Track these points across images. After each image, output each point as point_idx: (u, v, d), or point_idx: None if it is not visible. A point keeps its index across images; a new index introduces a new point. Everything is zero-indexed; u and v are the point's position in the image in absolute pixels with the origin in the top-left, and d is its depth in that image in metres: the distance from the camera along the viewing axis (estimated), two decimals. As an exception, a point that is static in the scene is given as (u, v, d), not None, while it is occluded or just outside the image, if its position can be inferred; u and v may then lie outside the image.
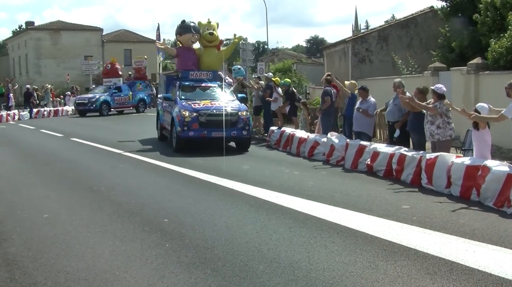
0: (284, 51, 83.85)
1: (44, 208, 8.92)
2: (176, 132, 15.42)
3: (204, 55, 18.91)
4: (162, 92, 19.26)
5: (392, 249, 6.36)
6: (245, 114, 15.76)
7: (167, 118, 17.12)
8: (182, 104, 15.87)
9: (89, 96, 36.15)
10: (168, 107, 17.15)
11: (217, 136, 15.19)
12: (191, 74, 17.85)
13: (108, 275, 5.73)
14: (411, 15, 26.54)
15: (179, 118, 15.31)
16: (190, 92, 17.02)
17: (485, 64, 15.67)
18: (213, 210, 8.55)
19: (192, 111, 15.38)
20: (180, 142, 15.53)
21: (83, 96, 37.52)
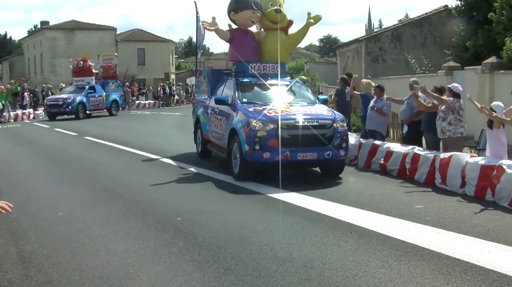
0: (297, 50, 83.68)
1: (59, 207, 8.99)
2: (243, 153, 10.46)
3: (266, 41, 13.63)
4: (200, 93, 14.83)
5: (405, 249, 6.34)
6: (341, 125, 10.93)
7: (217, 129, 12.56)
8: (247, 111, 10.95)
9: (63, 97, 32.14)
10: (219, 113, 12.37)
11: (306, 159, 10.47)
12: (251, 67, 12.93)
13: (121, 273, 5.76)
14: (425, 14, 26.44)
15: (247, 132, 10.43)
16: (252, 93, 12.23)
17: (500, 63, 15.56)
18: (226, 209, 8.57)
19: (267, 122, 10.44)
20: (247, 168, 10.64)
21: (56, 97, 33.37)
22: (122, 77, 49.48)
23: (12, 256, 6.47)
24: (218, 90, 13.15)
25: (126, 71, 52.02)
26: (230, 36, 13.73)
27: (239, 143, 10.60)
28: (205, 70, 15.46)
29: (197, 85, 15.60)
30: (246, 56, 13.21)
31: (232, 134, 11.14)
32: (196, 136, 14.67)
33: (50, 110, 31.75)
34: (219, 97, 12.23)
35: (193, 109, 15.48)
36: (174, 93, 47.89)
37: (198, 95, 15.29)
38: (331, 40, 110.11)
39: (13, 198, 9.81)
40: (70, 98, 31.53)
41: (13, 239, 7.23)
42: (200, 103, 14.37)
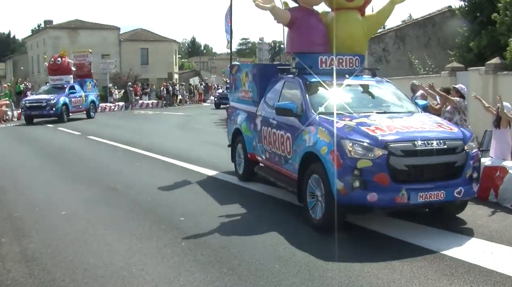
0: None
1: (62, 206, 9.00)
2: (333, 192, 6.92)
3: (337, 24, 9.72)
4: (239, 95, 11.40)
5: (408, 250, 6.34)
6: (472, 147, 7.42)
7: (275, 148, 9.01)
8: (341, 130, 7.22)
9: (45, 98, 28.27)
10: (279, 126, 8.89)
11: (429, 201, 6.94)
12: (322, 61, 9.25)
13: (125, 272, 5.78)
14: (428, 15, 26.39)
15: (340, 161, 6.89)
16: (328, 99, 8.48)
17: (503, 64, 15.54)
18: (230, 209, 8.58)
19: (372, 145, 6.88)
20: (339, 213, 7.00)
21: (37, 98, 29.01)
22: (126, 77, 49.62)
23: (16, 255, 6.49)
24: (270, 93, 9.81)
25: (130, 71, 52.08)
26: (290, 17, 9.80)
27: (324, 176, 7.04)
28: (246, 65, 12.34)
29: (233, 84, 11.95)
30: (313, 45, 9.61)
31: (308, 160, 7.61)
32: (234, 152, 11.32)
33: (30, 112, 27.82)
34: (284, 105, 8.40)
35: (228, 117, 12.31)
36: (177, 93, 47.93)
37: (234, 98, 11.75)
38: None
39: (16, 197, 9.90)
40: (54, 99, 28.11)
41: (17, 237, 7.25)
42: (241, 110, 11.06)
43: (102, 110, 38.86)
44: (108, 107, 40.21)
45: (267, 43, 29.55)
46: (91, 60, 34.57)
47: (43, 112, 27.78)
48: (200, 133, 22.17)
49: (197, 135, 21.06)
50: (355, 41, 9.73)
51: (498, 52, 16.79)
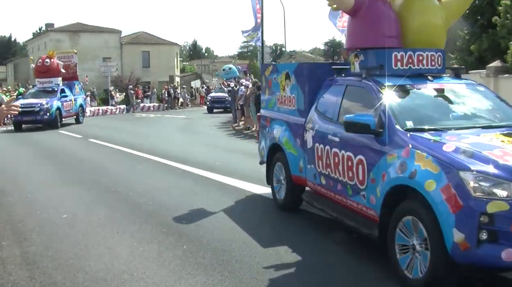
0: (301, 54, 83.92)
1: (63, 208, 9.00)
2: (447, 246, 4.90)
3: (410, 11, 7.50)
4: (276, 102, 9.13)
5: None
6: None
7: (339, 173, 6.91)
8: (445, 152, 5.29)
9: (38, 102, 25.95)
10: (343, 145, 6.85)
11: None
12: (396, 57, 7.17)
13: (126, 275, 5.77)
14: (429, 18, 26.36)
15: (461, 202, 4.83)
16: (414, 108, 6.60)
17: (504, 67, 15.56)
18: (231, 212, 8.57)
19: (507, 179, 4.83)
20: (452, 274, 5.07)
21: (28, 102, 25.93)
22: (127, 80, 49.66)
23: (17, 258, 6.49)
24: (323, 100, 7.71)
25: (131, 74, 52.13)
26: (354, 2, 7.31)
27: (431, 222, 5.06)
28: (287, 65, 10.07)
29: (267, 88, 9.55)
30: (382, 38, 7.22)
31: (397, 195, 5.61)
32: (270, 172, 9.13)
33: (22, 118, 24.92)
34: (357, 118, 6.20)
35: (260, 128, 10.00)
36: (178, 96, 47.95)
37: (269, 105, 9.46)
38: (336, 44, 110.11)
39: (17, 200, 9.91)
40: (48, 103, 26.03)
41: (18, 240, 7.25)
42: (280, 121, 8.81)
43: (103, 113, 38.98)
44: (110, 110, 40.27)
45: (268, 46, 29.55)
46: (76, 61, 31.92)
47: (36, 117, 25.50)
48: (201, 135, 22.20)
49: (198, 138, 21.09)
50: (433, 33, 7.44)
51: (499, 55, 16.81)
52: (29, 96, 27.99)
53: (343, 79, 7.59)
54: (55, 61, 28.65)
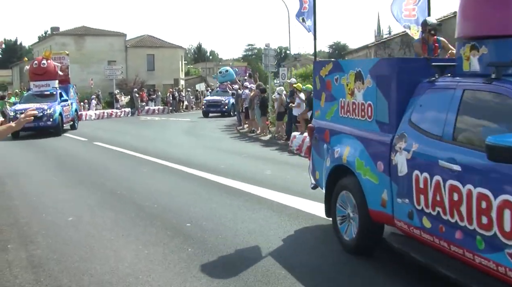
0: (306, 57, 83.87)
1: (68, 211, 9.02)
2: None
3: None
4: (339, 111, 7.05)
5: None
6: None
7: (448, 214, 4.95)
8: None
9: (39, 107, 22.96)
10: (458, 174, 4.82)
11: None
12: None
13: (131, 278, 5.78)
14: (434, 21, 26.37)
15: None
16: None
17: (510, 69, 15.51)
18: (236, 215, 8.57)
19: None
20: None
21: (29, 107, 21.65)
22: (132, 83, 49.76)
23: (22, 261, 6.50)
24: (420, 111, 5.71)
25: (136, 77, 52.24)
26: None
27: None
28: (358, 61, 7.36)
29: (324, 92, 7.48)
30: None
31: None
32: (333, 202, 6.94)
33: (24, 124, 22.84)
34: None
35: (314, 143, 7.72)
36: (183, 99, 48.01)
37: (326, 114, 7.39)
38: (340, 47, 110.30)
39: (23, 203, 9.93)
40: (50, 107, 23.87)
41: (23, 243, 7.26)
42: (348, 136, 6.73)
43: (108, 116, 39.07)
44: (114, 113, 40.35)
45: (273, 49, 29.52)
46: (68, 63, 29.81)
47: (39, 123, 22.90)
48: (206, 138, 22.21)
49: (203, 141, 21.11)
50: None
51: (505, 58, 16.76)
52: (24, 101, 26.05)
53: (453, 80, 5.46)
54: (52, 63, 26.70)
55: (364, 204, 6.14)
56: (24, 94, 30.73)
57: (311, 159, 7.89)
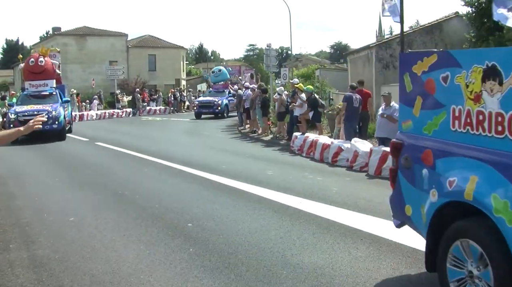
0: (307, 57, 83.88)
1: (70, 211, 9.04)
2: None
3: None
4: (432, 123, 5.10)
5: (416, 256, 6.32)
6: None
7: None
8: None
9: (44, 109, 21.76)
10: None
11: None
12: None
13: (132, 278, 5.79)
14: (435, 21, 26.35)
15: None
16: None
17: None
18: (237, 215, 8.58)
19: None
20: None
21: (31, 109, 22.33)
22: (133, 83, 49.79)
23: (24, 261, 6.52)
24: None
25: (137, 77, 52.28)
26: None
27: None
28: (486, 51, 5.83)
29: (421, 96, 5.34)
30: None
31: None
32: (440, 253, 4.86)
33: None
34: None
35: (403, 169, 5.62)
36: (184, 99, 48.01)
37: (426, 127, 5.24)
38: (342, 47, 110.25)
39: (25, 203, 9.94)
40: (54, 110, 22.36)
41: (25, 243, 7.28)
42: (476, 161, 4.50)
43: (110, 116, 39.11)
44: (116, 113, 40.40)
45: (274, 49, 29.54)
46: (59, 61, 27.30)
47: (44, 127, 19.52)
48: (207, 139, 22.23)
49: (204, 141, 21.13)
50: None
51: (506, 58, 16.75)
52: (21, 102, 24.04)
53: None
54: (50, 61, 24.49)
55: (509, 263, 4.07)
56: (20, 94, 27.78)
57: (396, 186, 5.79)
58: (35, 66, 24.08)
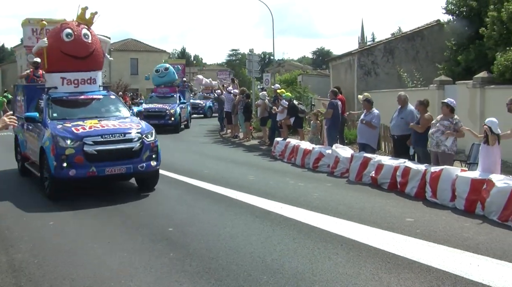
0: (290, 62, 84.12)
1: (50, 216, 8.99)
2: None
3: None
4: None
5: (395, 262, 6.38)
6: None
7: None
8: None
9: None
10: None
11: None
12: None
13: (113, 283, 5.77)
14: (417, 28, 26.59)
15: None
16: None
17: (490, 78, 15.68)
18: (218, 220, 8.59)
19: None
20: None
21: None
22: (115, 87, 49.52)
23: (3, 265, 6.47)
24: None
25: (119, 81, 52.01)
26: None
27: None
28: None
29: None
30: None
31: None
32: None
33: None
34: None
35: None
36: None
37: None
38: (324, 53, 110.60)
39: (3, 206, 9.84)
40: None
41: (4, 247, 7.22)
42: None
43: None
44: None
45: (257, 55, 29.58)
46: None
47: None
48: (189, 143, 22.17)
49: (186, 146, 21.06)
50: None
51: (486, 66, 16.93)
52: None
53: None
54: (96, 36, 13.20)
55: None
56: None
57: None
58: (76, 43, 12.36)
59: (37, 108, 12.26)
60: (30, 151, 12.24)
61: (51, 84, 12.39)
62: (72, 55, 12.18)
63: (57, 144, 10.08)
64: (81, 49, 12.31)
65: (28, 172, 12.52)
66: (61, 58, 12.14)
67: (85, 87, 12.49)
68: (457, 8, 20.65)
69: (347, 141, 17.20)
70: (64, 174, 9.93)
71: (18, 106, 14.06)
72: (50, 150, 10.09)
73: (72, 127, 10.53)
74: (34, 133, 11.61)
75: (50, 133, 10.40)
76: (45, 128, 10.87)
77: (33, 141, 11.76)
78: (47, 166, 10.23)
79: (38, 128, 11.34)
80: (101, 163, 10.16)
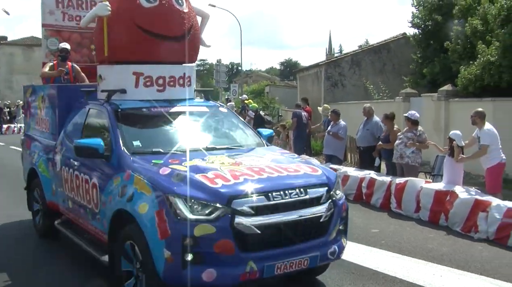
0: (257, 73, 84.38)
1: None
2: None
3: None
4: None
5: (360, 273, 6.37)
6: None
7: None
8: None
9: None
10: None
11: None
12: None
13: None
14: (384, 41, 26.91)
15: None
16: None
17: (454, 91, 15.93)
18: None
19: None
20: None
21: None
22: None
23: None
24: None
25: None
26: None
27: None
28: None
29: None
30: None
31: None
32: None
33: None
34: None
35: None
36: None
37: None
38: (292, 64, 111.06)
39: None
40: None
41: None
42: None
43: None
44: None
45: (224, 65, 29.66)
46: None
47: None
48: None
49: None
50: None
51: (450, 79, 17.20)
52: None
53: None
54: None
55: None
56: None
57: None
58: (163, 12, 6.89)
59: (84, 128, 7.06)
60: (71, 205, 6.96)
61: (114, 85, 6.91)
62: (157, 32, 6.82)
63: (175, 212, 4.79)
64: (172, 23, 6.94)
65: (55, 231, 7.72)
66: (136, 38, 6.77)
67: (176, 91, 7.06)
68: (423, 22, 20.96)
69: (313, 152, 17.26)
70: (188, 278, 4.75)
71: (38, 119, 8.81)
72: (155, 227, 4.82)
73: (196, 172, 5.22)
74: (88, 175, 6.29)
75: (147, 186, 5.14)
76: (120, 171, 5.68)
77: (84, 192, 6.42)
78: (146, 257, 4.97)
79: (100, 167, 6.11)
80: (266, 253, 5.00)
